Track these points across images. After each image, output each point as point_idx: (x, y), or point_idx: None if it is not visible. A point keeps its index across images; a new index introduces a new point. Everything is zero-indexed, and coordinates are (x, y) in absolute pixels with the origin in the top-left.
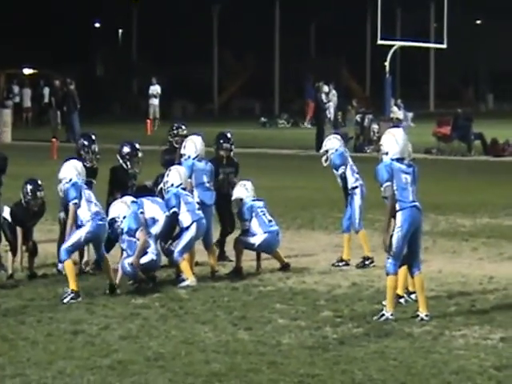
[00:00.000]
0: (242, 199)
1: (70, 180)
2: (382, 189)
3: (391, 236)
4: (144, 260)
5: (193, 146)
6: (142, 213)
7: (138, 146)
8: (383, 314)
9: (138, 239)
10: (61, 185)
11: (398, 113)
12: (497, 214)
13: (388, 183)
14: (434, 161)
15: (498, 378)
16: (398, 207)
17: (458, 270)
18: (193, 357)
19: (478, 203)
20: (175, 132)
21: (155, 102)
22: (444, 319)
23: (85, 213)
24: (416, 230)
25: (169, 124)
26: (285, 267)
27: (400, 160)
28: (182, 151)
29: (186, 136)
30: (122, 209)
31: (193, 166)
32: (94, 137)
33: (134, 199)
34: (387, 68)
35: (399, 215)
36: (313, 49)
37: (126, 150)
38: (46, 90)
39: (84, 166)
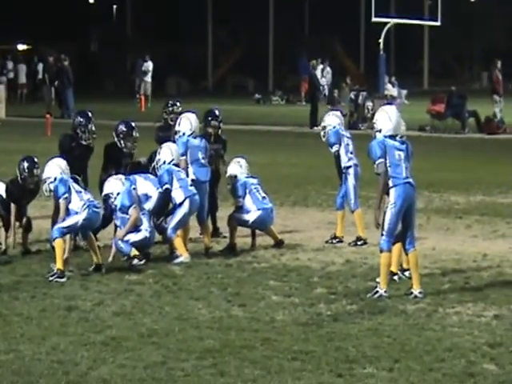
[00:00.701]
0: (235, 176)
1: (55, 179)
2: (375, 166)
3: (384, 213)
4: (137, 237)
5: (187, 122)
6: (134, 189)
7: (133, 125)
8: (377, 291)
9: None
10: (45, 185)
11: (392, 90)
12: (491, 192)
13: (381, 160)
14: (427, 138)
15: (491, 355)
16: (391, 184)
17: (451, 247)
18: (186, 333)
19: (471, 181)
20: (170, 109)
21: (147, 78)
22: (438, 296)
23: (78, 203)
24: (410, 206)
25: (163, 101)
26: (279, 244)
27: (393, 137)
28: (177, 128)
29: (180, 113)
30: (116, 185)
31: (187, 143)
32: (90, 115)
33: (127, 176)
34: (381, 45)
35: (392, 191)
36: (307, 26)
37: (122, 128)
38: (40, 66)
39: (80, 143)
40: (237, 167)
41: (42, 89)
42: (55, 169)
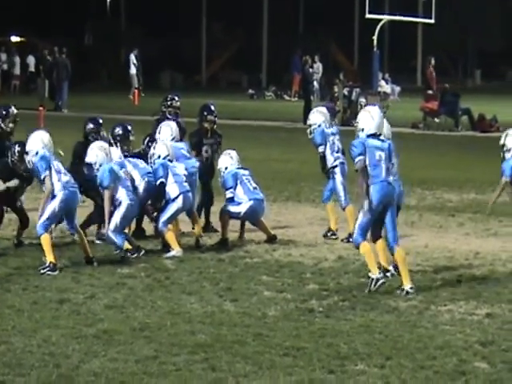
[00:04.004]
0: (226, 167)
1: (37, 153)
2: (354, 163)
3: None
4: (121, 212)
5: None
6: (124, 171)
7: (130, 128)
8: (372, 279)
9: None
10: (28, 157)
11: (385, 87)
12: (483, 190)
13: (360, 157)
14: (420, 135)
15: (483, 353)
16: (369, 182)
17: (444, 244)
18: (178, 327)
19: (464, 178)
20: (169, 103)
21: (131, 71)
22: (430, 294)
23: (56, 184)
24: (388, 205)
25: (156, 95)
26: (271, 239)
27: (375, 136)
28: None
29: (178, 108)
30: (99, 155)
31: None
32: (101, 121)
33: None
34: (375, 42)
35: (370, 189)
36: (301, 22)
37: (119, 131)
38: (31, 59)
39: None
40: (227, 159)
41: (35, 81)
42: (37, 142)
